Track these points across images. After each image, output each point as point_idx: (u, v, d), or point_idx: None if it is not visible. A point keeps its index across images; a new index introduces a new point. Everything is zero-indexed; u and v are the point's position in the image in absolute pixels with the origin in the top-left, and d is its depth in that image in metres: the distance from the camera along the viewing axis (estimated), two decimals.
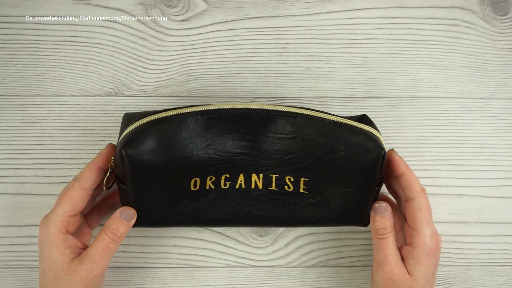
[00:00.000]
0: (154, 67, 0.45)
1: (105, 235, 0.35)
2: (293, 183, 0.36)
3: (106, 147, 0.37)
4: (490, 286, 0.44)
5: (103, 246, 0.35)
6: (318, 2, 0.45)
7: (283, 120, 0.35)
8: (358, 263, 0.43)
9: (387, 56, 0.45)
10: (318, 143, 0.35)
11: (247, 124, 0.35)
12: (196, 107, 0.35)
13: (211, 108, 0.35)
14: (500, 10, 0.46)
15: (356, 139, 0.35)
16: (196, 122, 0.35)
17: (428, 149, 0.45)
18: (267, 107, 0.35)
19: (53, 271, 0.34)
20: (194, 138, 0.35)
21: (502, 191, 0.44)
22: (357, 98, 0.45)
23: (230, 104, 0.35)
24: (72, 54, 0.44)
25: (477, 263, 0.44)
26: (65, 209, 0.35)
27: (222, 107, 0.35)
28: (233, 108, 0.35)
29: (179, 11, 0.45)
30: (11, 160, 0.43)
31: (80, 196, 0.35)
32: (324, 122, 0.36)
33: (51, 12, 0.44)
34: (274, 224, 0.39)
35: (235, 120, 0.35)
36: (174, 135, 0.34)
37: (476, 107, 0.45)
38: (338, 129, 0.36)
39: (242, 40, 0.45)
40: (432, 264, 0.35)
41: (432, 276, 0.36)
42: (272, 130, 0.35)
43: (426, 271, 0.35)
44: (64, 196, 0.35)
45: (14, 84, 0.44)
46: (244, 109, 0.35)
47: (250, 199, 0.37)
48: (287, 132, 0.35)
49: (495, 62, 0.46)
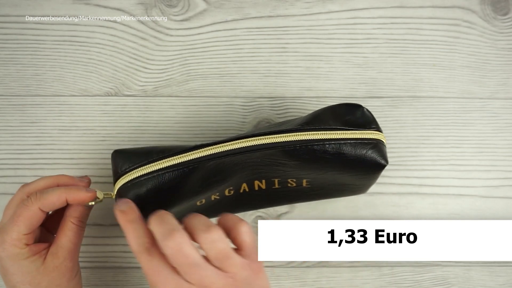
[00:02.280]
0: (154, 67, 0.44)
1: (71, 224, 0.34)
2: (296, 182, 0.37)
3: (84, 186, 0.35)
4: (491, 286, 0.43)
5: (73, 234, 0.34)
6: (318, 2, 0.45)
7: (281, 153, 0.34)
8: (358, 263, 0.43)
9: (387, 56, 0.45)
10: (320, 164, 0.35)
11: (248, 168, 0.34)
12: (190, 154, 0.33)
13: (202, 156, 0.33)
14: (501, 10, 0.46)
15: (360, 154, 0.34)
16: (187, 177, 0.33)
17: (429, 149, 0.45)
18: (263, 141, 0.33)
19: (28, 282, 0.33)
20: (192, 187, 0.34)
21: (502, 191, 0.44)
22: (357, 98, 0.45)
23: (223, 146, 0.33)
24: (72, 54, 0.44)
25: (477, 263, 0.44)
26: (21, 229, 0.33)
27: (220, 150, 0.33)
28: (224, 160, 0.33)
29: (179, 11, 0.45)
30: (10, 160, 0.43)
31: (38, 217, 0.33)
32: (324, 146, 0.34)
33: (51, 12, 0.44)
34: (275, 205, 0.42)
35: (228, 172, 0.34)
36: (170, 190, 0.33)
37: (477, 107, 0.45)
38: (340, 148, 0.34)
39: (242, 40, 0.45)
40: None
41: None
42: (272, 161, 0.35)
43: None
44: (20, 216, 0.32)
45: (14, 84, 0.44)
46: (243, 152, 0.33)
47: (253, 196, 0.38)
48: (287, 160, 0.35)
49: (495, 62, 0.45)
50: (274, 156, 0.34)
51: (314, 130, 0.34)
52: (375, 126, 0.36)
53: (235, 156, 0.33)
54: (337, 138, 0.34)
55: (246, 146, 0.33)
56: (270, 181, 0.36)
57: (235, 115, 0.44)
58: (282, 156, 0.34)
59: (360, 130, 0.35)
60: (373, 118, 0.36)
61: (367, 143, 0.34)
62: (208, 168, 0.33)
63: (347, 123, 0.35)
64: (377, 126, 0.36)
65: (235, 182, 0.36)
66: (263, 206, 0.41)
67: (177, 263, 0.27)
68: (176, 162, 0.33)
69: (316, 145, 0.33)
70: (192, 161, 0.32)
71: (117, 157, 0.35)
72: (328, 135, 0.34)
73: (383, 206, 0.44)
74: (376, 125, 0.36)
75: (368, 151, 0.34)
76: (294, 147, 0.33)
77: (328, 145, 0.33)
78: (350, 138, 0.34)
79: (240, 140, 0.33)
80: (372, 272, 0.43)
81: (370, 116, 0.36)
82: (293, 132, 0.34)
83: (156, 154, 0.33)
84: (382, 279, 0.43)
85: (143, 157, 0.33)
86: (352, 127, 0.35)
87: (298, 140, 0.33)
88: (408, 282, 0.43)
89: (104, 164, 0.43)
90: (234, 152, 0.33)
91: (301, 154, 0.34)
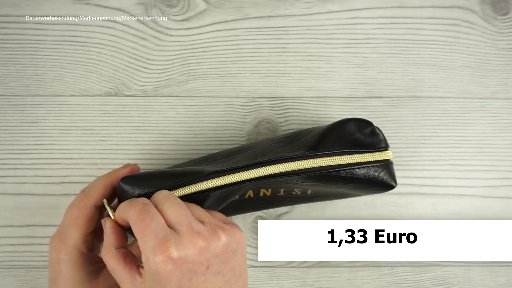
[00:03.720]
0: (154, 67, 0.44)
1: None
2: (301, 191, 0.37)
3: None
4: (491, 286, 0.43)
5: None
6: (318, 2, 0.45)
7: (294, 176, 0.34)
8: (358, 263, 0.43)
9: (387, 56, 0.45)
10: (331, 184, 0.35)
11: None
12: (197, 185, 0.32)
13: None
14: (501, 10, 0.46)
15: (372, 177, 0.34)
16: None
17: (428, 149, 0.45)
18: (278, 170, 0.33)
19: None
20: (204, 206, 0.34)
21: (502, 191, 0.44)
22: (357, 98, 0.45)
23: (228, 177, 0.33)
24: (72, 54, 0.44)
25: (477, 263, 0.44)
26: (83, 229, 0.33)
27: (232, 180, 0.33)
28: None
29: (179, 11, 0.45)
30: (10, 160, 0.43)
31: (94, 214, 0.34)
32: (338, 173, 0.34)
33: (51, 12, 0.44)
34: (276, 207, 0.42)
35: (239, 190, 0.34)
36: None
37: (477, 107, 0.45)
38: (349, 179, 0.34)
39: (242, 40, 0.45)
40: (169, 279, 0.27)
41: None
42: (283, 181, 0.35)
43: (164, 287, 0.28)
44: (79, 217, 0.33)
45: (14, 84, 0.44)
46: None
47: (256, 200, 0.38)
48: (299, 181, 0.35)
49: (495, 62, 0.45)
50: (289, 179, 0.34)
51: (328, 155, 0.34)
52: (384, 145, 0.36)
53: (251, 182, 0.33)
54: (352, 163, 0.34)
55: (264, 175, 0.33)
56: (276, 190, 0.36)
57: (235, 115, 0.44)
58: (296, 179, 0.34)
59: (372, 151, 0.34)
60: (383, 136, 0.36)
61: (379, 165, 0.34)
62: (223, 191, 0.33)
63: (358, 143, 0.35)
64: (386, 144, 0.36)
65: (242, 192, 0.36)
66: (265, 208, 0.41)
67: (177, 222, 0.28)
68: (193, 190, 0.32)
69: (331, 172, 0.33)
70: (208, 190, 0.32)
71: (127, 183, 0.33)
72: (343, 160, 0.34)
73: (383, 206, 0.44)
74: (385, 143, 0.36)
75: (380, 174, 0.34)
76: (309, 174, 0.33)
77: (343, 171, 0.34)
78: (363, 162, 0.34)
79: (257, 169, 0.33)
80: (372, 272, 0.43)
81: (380, 134, 0.36)
82: (307, 158, 0.34)
83: (171, 179, 0.32)
84: (382, 279, 0.43)
85: (159, 181, 0.32)
86: (363, 147, 0.34)
87: (313, 168, 0.33)
88: (408, 282, 0.43)
89: (104, 164, 0.43)
90: (251, 180, 0.33)
91: (316, 178, 0.34)
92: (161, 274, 0.27)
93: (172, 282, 0.27)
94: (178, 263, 0.27)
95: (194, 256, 0.27)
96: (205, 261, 0.27)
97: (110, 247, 0.30)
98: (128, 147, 0.43)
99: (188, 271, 0.27)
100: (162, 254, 0.26)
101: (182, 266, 0.27)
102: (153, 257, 0.27)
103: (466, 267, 0.44)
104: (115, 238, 0.31)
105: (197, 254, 0.27)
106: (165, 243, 0.27)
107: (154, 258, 0.27)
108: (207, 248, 0.28)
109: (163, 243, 0.27)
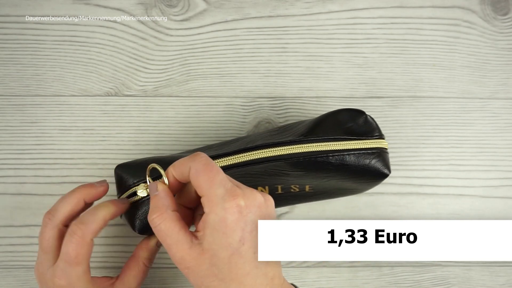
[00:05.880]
0: (154, 67, 0.44)
1: (144, 266, 0.34)
2: (299, 188, 0.37)
3: (97, 188, 0.34)
4: (491, 286, 0.43)
5: (142, 275, 0.34)
6: (318, 2, 0.45)
7: (285, 164, 0.34)
8: (358, 263, 0.43)
9: (387, 56, 0.45)
10: (323, 173, 0.35)
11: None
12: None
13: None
14: (501, 10, 0.46)
15: (363, 164, 0.34)
16: None
17: (428, 149, 0.45)
18: (267, 154, 0.34)
19: None
20: None
21: (502, 191, 0.44)
22: (357, 98, 0.45)
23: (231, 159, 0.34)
24: (72, 54, 0.44)
25: (477, 263, 0.44)
26: (86, 265, 0.31)
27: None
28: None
29: (179, 11, 0.45)
30: (10, 160, 0.43)
31: (91, 245, 0.32)
32: (327, 158, 0.34)
33: (51, 12, 0.44)
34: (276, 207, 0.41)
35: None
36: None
37: (477, 107, 0.45)
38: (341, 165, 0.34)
39: (242, 40, 0.45)
40: (234, 228, 0.27)
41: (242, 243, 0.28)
42: (276, 172, 0.35)
43: (226, 239, 0.27)
44: (79, 255, 0.31)
45: (14, 84, 0.44)
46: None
47: None
48: (291, 170, 0.35)
49: (495, 62, 0.45)
50: (278, 167, 0.34)
51: (318, 141, 0.34)
52: (378, 134, 0.35)
53: (239, 168, 0.33)
54: (341, 149, 0.33)
55: (251, 160, 0.33)
56: (273, 187, 0.36)
57: (235, 115, 0.44)
58: (285, 167, 0.34)
59: (363, 139, 0.34)
60: (376, 125, 0.36)
61: (370, 153, 0.34)
62: None
63: (349, 131, 0.34)
64: (380, 134, 0.35)
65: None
66: None
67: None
68: None
69: (320, 157, 0.33)
70: None
71: (123, 172, 0.35)
72: (332, 146, 0.34)
73: (383, 206, 0.44)
74: (379, 132, 0.35)
75: (371, 161, 0.34)
76: (297, 159, 0.33)
77: (332, 156, 0.33)
78: (353, 148, 0.34)
79: (244, 154, 0.34)
80: (372, 272, 0.43)
81: (373, 123, 0.36)
82: (296, 144, 0.34)
83: (164, 166, 0.33)
84: (382, 279, 0.43)
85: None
86: (355, 136, 0.34)
87: (301, 153, 0.33)
88: (408, 282, 0.43)
89: (104, 164, 0.43)
90: (238, 165, 0.33)
91: (304, 165, 0.34)
92: (228, 222, 0.27)
93: (237, 232, 0.27)
94: (244, 212, 0.28)
95: (256, 209, 0.28)
96: (264, 217, 0.29)
97: (166, 209, 0.29)
98: (128, 147, 0.43)
99: (251, 222, 0.28)
100: (231, 201, 0.27)
101: (247, 216, 0.28)
102: (222, 203, 0.27)
103: (466, 267, 0.44)
104: (171, 201, 0.30)
105: (258, 208, 0.28)
106: (233, 192, 0.28)
107: (224, 204, 0.27)
108: (265, 204, 0.29)
109: (232, 192, 0.28)
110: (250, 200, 0.28)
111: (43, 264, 0.32)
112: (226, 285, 0.28)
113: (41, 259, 0.33)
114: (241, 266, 0.28)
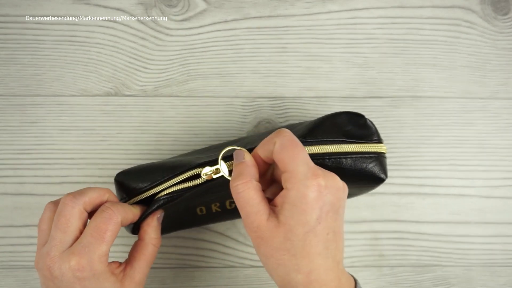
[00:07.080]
0: (154, 67, 0.44)
1: (153, 247, 0.34)
2: None
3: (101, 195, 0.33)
4: (491, 286, 0.43)
5: (152, 256, 0.34)
6: (318, 2, 0.45)
7: None
8: (358, 263, 0.43)
9: (388, 56, 0.45)
10: None
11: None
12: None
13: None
14: (501, 10, 0.46)
15: (360, 168, 0.34)
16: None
17: (429, 149, 0.44)
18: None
19: None
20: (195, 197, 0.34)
21: (503, 191, 0.44)
22: (358, 98, 0.45)
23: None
24: (72, 54, 0.44)
25: (478, 264, 0.44)
26: (109, 245, 0.31)
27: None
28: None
29: (179, 11, 0.45)
30: (10, 160, 0.43)
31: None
32: (324, 161, 0.33)
33: (51, 12, 0.44)
34: None
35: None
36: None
37: (477, 107, 0.45)
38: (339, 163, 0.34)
39: (242, 40, 0.45)
40: (313, 206, 0.28)
41: (318, 221, 0.28)
42: None
43: (304, 216, 0.28)
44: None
45: (14, 84, 0.44)
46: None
47: None
48: None
49: (496, 62, 0.45)
50: None
51: (315, 143, 0.33)
52: (376, 138, 0.35)
53: None
54: (338, 152, 0.33)
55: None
56: None
57: (235, 115, 0.44)
58: None
59: (361, 143, 0.34)
60: (375, 129, 0.35)
61: (368, 157, 0.34)
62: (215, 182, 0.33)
63: (348, 134, 0.34)
64: (379, 138, 0.35)
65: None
66: None
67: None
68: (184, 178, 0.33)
69: (316, 160, 0.32)
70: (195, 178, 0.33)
71: (123, 179, 0.35)
72: (329, 148, 0.33)
73: (383, 206, 0.44)
74: (378, 136, 0.35)
75: (368, 165, 0.33)
76: None
77: (328, 159, 0.33)
78: (351, 152, 0.33)
79: None
80: (372, 272, 0.43)
81: (372, 127, 0.35)
82: None
83: (163, 172, 0.33)
84: (383, 279, 0.43)
85: (153, 176, 0.34)
86: (354, 139, 0.34)
87: None
88: (408, 282, 0.43)
89: (104, 164, 0.43)
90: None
91: None
92: (308, 199, 0.27)
93: (315, 210, 0.28)
94: (324, 192, 0.28)
95: (334, 191, 0.28)
96: (339, 200, 0.29)
97: (251, 178, 0.29)
98: (128, 147, 0.43)
99: (329, 203, 0.28)
100: (313, 180, 0.28)
101: (325, 196, 0.28)
102: (305, 180, 0.27)
103: (466, 267, 0.44)
104: (256, 171, 0.30)
105: (336, 191, 0.29)
106: (315, 171, 0.28)
107: (306, 181, 0.27)
108: (342, 188, 0.29)
109: (314, 171, 0.28)
110: (330, 182, 0.28)
111: (56, 247, 0.30)
112: (297, 261, 0.28)
113: (53, 242, 0.30)
114: (314, 245, 0.28)
